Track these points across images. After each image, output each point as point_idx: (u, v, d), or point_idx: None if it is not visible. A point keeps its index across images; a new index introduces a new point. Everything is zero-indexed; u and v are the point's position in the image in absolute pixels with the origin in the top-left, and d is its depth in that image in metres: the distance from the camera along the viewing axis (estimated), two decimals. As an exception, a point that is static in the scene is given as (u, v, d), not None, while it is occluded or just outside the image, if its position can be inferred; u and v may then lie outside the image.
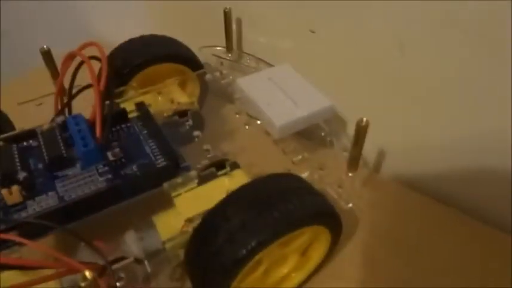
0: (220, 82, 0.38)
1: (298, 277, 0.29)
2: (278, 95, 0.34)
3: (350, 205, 0.29)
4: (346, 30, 0.34)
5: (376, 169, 0.38)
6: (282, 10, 0.37)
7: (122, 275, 0.24)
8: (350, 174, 0.30)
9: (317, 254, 0.29)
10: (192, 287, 0.25)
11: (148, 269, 0.26)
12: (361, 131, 0.27)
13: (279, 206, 0.24)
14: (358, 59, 0.34)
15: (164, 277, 0.27)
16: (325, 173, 0.31)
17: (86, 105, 0.31)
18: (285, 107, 0.33)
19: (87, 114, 0.30)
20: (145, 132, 0.31)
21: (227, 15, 0.38)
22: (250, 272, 0.26)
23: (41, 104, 0.35)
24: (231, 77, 0.38)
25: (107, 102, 0.30)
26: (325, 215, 0.26)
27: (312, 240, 0.28)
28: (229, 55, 0.41)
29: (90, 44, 0.30)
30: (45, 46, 0.34)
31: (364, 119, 0.27)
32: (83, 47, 0.30)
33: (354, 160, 0.29)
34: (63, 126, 0.29)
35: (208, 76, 0.38)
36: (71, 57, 0.31)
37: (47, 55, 0.34)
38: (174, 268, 0.27)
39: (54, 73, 0.35)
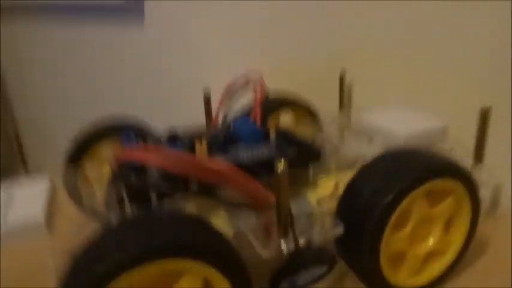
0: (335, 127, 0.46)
1: (440, 263, 0.30)
2: (398, 118, 0.40)
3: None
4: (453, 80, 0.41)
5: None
6: (390, 68, 0.46)
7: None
8: (476, 165, 0.33)
9: (459, 231, 0.30)
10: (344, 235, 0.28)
11: (304, 226, 0.29)
12: (485, 118, 0.32)
13: (419, 157, 0.28)
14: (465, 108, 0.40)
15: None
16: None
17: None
18: (406, 124, 0.38)
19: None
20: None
21: (342, 78, 0.48)
22: (398, 227, 0.28)
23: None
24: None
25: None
26: (459, 171, 0.29)
27: (454, 212, 0.30)
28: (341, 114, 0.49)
29: (252, 71, 0.40)
30: (208, 87, 0.45)
31: (487, 106, 0.32)
32: (246, 74, 0.40)
33: (479, 150, 0.33)
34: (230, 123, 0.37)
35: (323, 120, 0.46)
36: (234, 83, 0.41)
37: (207, 101, 0.45)
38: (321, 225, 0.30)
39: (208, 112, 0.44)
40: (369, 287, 0.29)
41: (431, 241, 0.30)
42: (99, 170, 0.38)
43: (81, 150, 0.40)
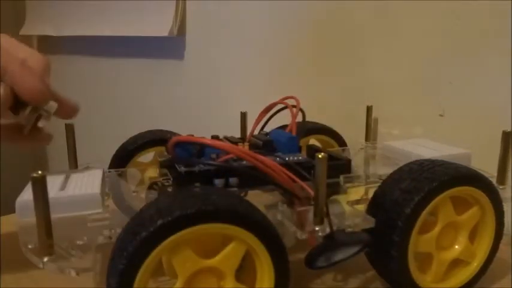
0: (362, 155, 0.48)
1: (465, 272, 0.31)
2: (422, 145, 0.42)
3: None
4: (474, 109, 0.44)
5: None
6: (412, 101, 0.49)
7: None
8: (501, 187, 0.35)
9: (483, 243, 0.32)
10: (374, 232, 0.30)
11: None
12: (507, 141, 0.34)
13: (448, 165, 0.31)
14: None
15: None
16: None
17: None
18: (430, 150, 0.41)
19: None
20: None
21: (369, 112, 0.52)
22: (426, 230, 0.29)
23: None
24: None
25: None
26: (485, 182, 0.31)
27: (479, 224, 0.32)
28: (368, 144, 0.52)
29: (290, 97, 0.44)
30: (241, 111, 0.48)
31: (508, 130, 0.34)
32: (284, 99, 0.44)
33: (502, 172, 0.35)
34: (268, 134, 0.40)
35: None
36: (272, 105, 0.44)
37: (243, 116, 0.48)
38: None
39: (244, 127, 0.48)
40: (397, 288, 0.30)
41: (456, 248, 0.31)
42: (140, 176, 0.42)
43: (124, 159, 0.43)
